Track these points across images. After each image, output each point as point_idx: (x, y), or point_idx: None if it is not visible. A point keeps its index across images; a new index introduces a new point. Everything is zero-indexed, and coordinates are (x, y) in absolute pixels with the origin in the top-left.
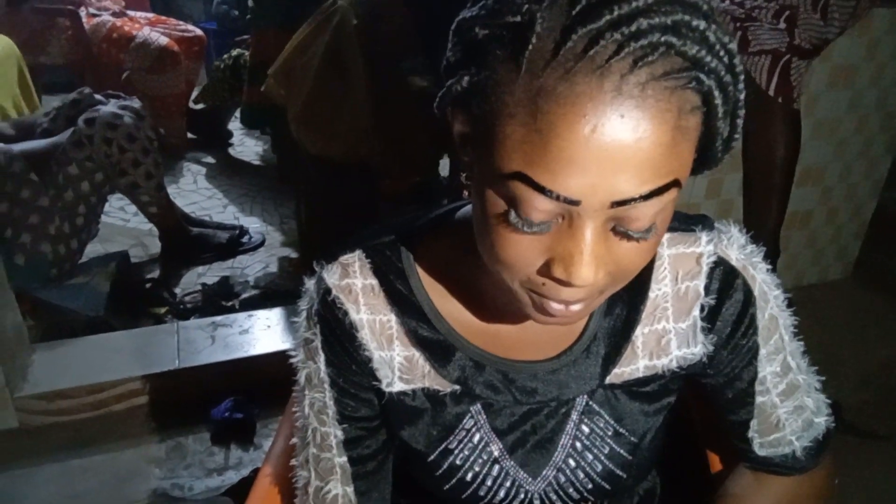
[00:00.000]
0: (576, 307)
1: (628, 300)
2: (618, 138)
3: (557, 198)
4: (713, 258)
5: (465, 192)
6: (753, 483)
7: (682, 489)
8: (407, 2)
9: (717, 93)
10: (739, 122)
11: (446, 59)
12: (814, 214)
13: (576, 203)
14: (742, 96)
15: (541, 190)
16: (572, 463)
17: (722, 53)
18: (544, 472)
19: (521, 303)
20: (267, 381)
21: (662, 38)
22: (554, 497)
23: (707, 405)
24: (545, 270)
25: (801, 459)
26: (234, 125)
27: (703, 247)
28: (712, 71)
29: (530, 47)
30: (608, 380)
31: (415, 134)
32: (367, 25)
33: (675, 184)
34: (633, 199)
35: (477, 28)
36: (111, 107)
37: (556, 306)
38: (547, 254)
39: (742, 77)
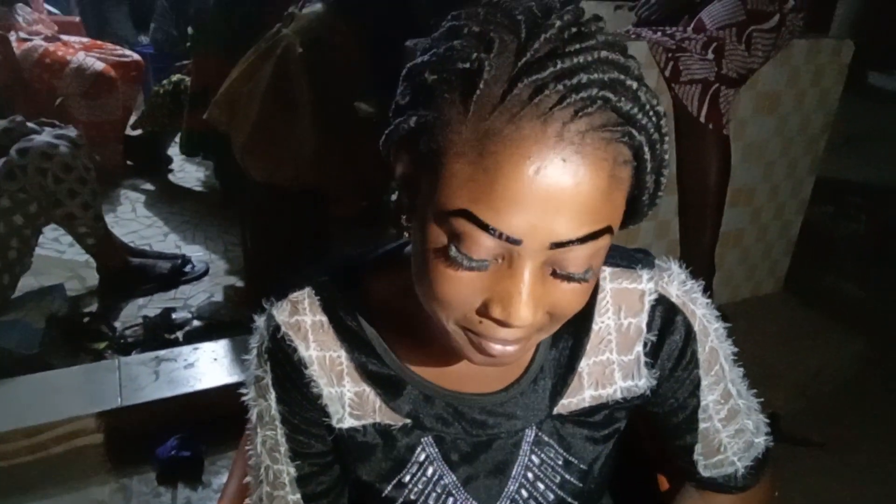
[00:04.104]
0: (513, 347)
1: (573, 333)
2: (559, 181)
3: (500, 236)
4: (654, 296)
5: (406, 234)
6: (700, 502)
7: None
8: (353, 29)
9: (646, 148)
10: (663, 179)
11: (395, 102)
12: (745, 233)
13: (517, 242)
14: (666, 156)
15: (484, 227)
16: (525, 493)
17: (651, 114)
18: None
19: (458, 343)
20: (215, 416)
21: (600, 93)
22: None
23: (655, 430)
24: (483, 310)
25: (743, 478)
26: (174, 150)
27: (645, 284)
28: (643, 128)
29: (478, 92)
30: (556, 410)
31: (363, 159)
32: (313, 53)
33: (609, 230)
34: (571, 242)
35: (427, 73)
36: (46, 136)
37: (496, 346)
38: (485, 293)
39: (667, 138)
